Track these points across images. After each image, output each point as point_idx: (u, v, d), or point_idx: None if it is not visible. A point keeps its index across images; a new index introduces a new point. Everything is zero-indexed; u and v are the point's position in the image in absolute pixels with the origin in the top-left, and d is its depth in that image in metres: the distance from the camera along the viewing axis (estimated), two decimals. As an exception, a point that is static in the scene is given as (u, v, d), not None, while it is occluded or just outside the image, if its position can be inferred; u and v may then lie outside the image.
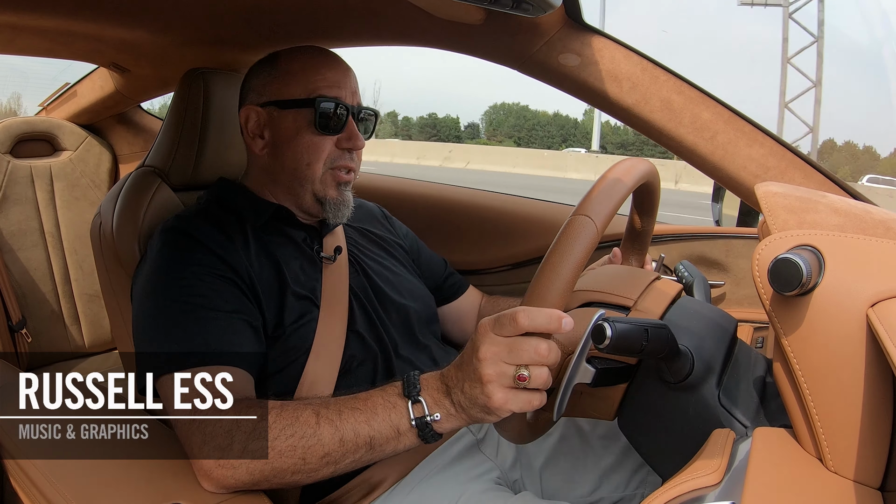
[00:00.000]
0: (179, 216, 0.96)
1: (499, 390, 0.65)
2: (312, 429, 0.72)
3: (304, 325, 0.90)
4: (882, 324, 0.54)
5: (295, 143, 0.96)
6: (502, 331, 0.65)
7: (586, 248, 0.65)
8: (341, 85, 0.97)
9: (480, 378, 0.65)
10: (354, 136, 0.97)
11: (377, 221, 1.19)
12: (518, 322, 0.63)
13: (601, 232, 0.67)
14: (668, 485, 0.60)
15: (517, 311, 0.64)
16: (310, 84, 0.95)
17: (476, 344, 0.66)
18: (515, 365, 0.64)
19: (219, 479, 0.73)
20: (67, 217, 1.86)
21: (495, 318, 0.65)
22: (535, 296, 0.65)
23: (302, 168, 0.96)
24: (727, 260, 1.33)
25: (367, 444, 0.72)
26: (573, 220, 0.67)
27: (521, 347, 0.64)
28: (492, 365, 0.65)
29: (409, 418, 0.71)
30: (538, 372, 0.65)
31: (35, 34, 1.23)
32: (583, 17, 0.91)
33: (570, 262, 0.64)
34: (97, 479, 0.75)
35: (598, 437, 0.98)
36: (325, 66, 0.97)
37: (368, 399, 0.73)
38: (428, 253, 1.22)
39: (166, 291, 0.85)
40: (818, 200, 0.68)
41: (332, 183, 0.97)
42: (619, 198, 0.71)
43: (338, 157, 0.97)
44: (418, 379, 0.72)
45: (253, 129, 0.99)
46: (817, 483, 0.58)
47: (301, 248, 0.98)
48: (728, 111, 0.89)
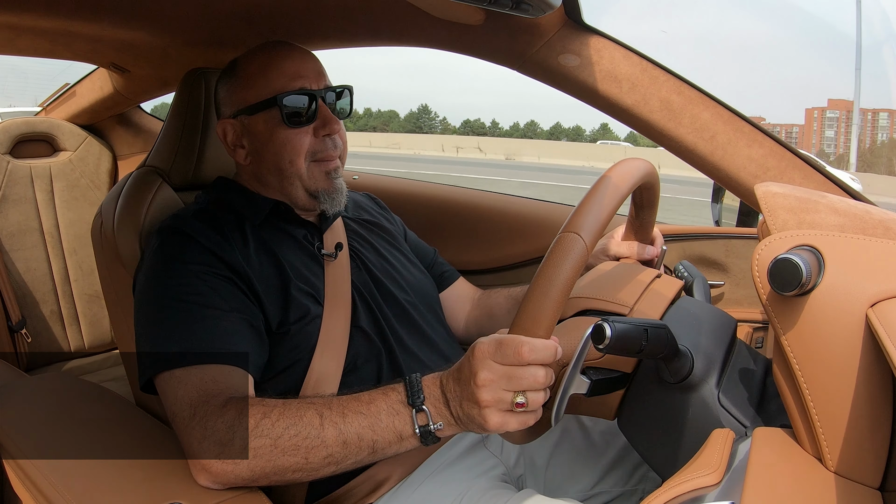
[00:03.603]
0: (176, 216, 0.96)
1: (495, 414, 0.66)
2: (316, 430, 0.72)
3: (309, 324, 0.90)
4: (882, 324, 0.54)
5: (272, 144, 0.95)
6: (504, 360, 0.65)
7: (576, 267, 0.65)
8: (302, 73, 0.95)
9: (478, 402, 0.66)
10: (329, 120, 0.96)
11: (371, 209, 1.19)
12: (522, 356, 0.64)
13: (591, 248, 0.66)
14: (668, 484, 0.60)
15: (521, 344, 0.64)
16: (269, 82, 0.95)
17: (474, 368, 0.66)
18: (513, 391, 0.66)
19: (218, 474, 0.73)
20: (67, 217, 1.86)
21: (496, 346, 0.66)
22: (526, 318, 0.66)
23: (286, 167, 0.96)
24: (727, 260, 1.33)
25: (370, 448, 0.72)
26: (562, 238, 0.66)
27: (520, 376, 0.65)
28: (490, 392, 0.66)
29: (413, 426, 0.71)
30: (535, 397, 0.66)
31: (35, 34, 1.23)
32: (582, 18, 0.91)
33: (559, 282, 0.64)
34: (97, 479, 0.75)
35: (599, 433, 0.99)
36: (280, 58, 0.96)
37: (372, 403, 0.73)
38: (415, 240, 1.22)
39: (165, 290, 0.85)
40: (818, 200, 0.68)
41: (321, 174, 0.97)
42: (609, 210, 0.70)
43: (319, 148, 0.96)
44: (421, 386, 0.72)
45: (232, 141, 1.00)
46: (817, 483, 0.58)
47: (302, 246, 0.98)
48: (728, 111, 0.89)
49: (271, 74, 0.95)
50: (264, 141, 0.96)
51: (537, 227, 1.50)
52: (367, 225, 1.12)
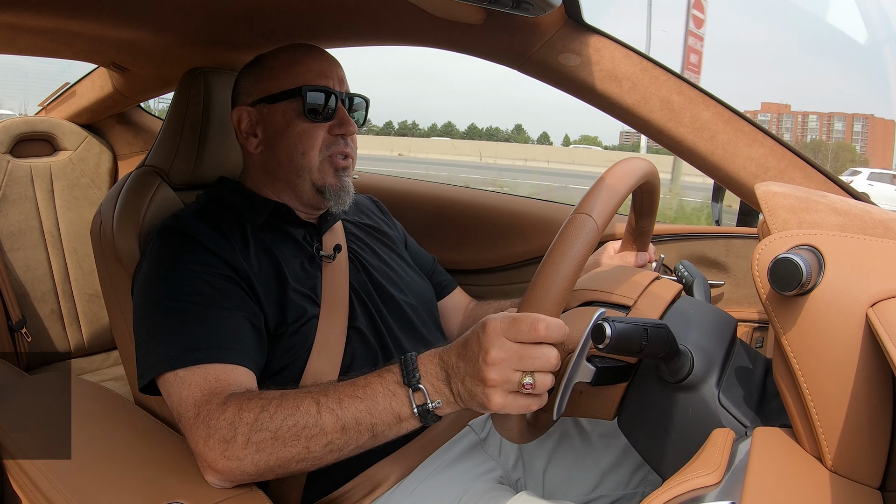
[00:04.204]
0: (177, 216, 0.96)
1: (499, 395, 0.65)
2: (314, 418, 0.72)
3: (306, 324, 0.90)
4: (882, 324, 0.54)
5: (288, 135, 0.96)
6: (518, 336, 0.64)
7: (587, 245, 0.65)
8: (328, 74, 0.98)
9: (484, 380, 0.65)
10: (346, 121, 0.97)
11: (372, 213, 1.19)
12: (538, 332, 0.63)
13: (602, 230, 0.67)
14: (668, 484, 0.60)
15: (537, 319, 0.63)
16: (296, 75, 0.97)
17: (485, 345, 0.65)
18: (523, 372, 0.64)
19: (224, 470, 0.73)
20: (67, 217, 1.86)
21: (510, 322, 0.64)
22: (537, 294, 0.65)
23: (297, 158, 0.97)
24: (727, 260, 1.33)
25: (370, 431, 0.72)
26: (574, 218, 0.67)
27: (533, 356, 0.64)
28: (499, 370, 0.64)
29: (411, 406, 0.70)
30: (543, 379, 0.65)
31: (35, 34, 1.23)
32: (583, 17, 0.91)
33: (571, 260, 0.64)
34: (97, 479, 0.75)
35: (598, 436, 0.98)
36: (310, 57, 0.99)
37: (368, 386, 0.72)
38: (415, 248, 1.22)
39: (166, 290, 0.85)
40: (818, 200, 0.68)
41: (330, 170, 0.98)
42: (619, 197, 0.72)
43: (332, 144, 0.97)
44: (416, 364, 0.71)
45: (246, 129, 1.01)
46: (817, 482, 0.58)
47: (301, 247, 0.98)
48: (728, 111, 0.89)
49: (299, 68, 0.97)
50: (280, 130, 0.97)
51: (537, 227, 1.50)
52: (366, 228, 1.13)
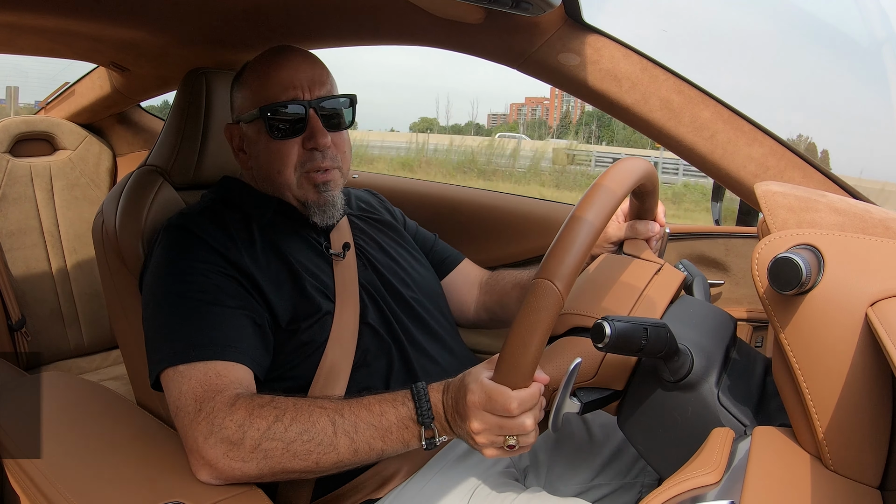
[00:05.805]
0: (184, 213, 0.96)
1: (489, 450, 0.72)
2: (329, 437, 0.74)
3: (320, 321, 0.91)
4: (882, 323, 0.54)
5: (262, 154, 0.96)
6: (494, 411, 0.70)
7: (551, 315, 0.66)
8: (295, 83, 0.93)
9: (474, 440, 0.72)
10: (316, 132, 0.93)
11: (373, 205, 1.18)
12: (511, 411, 0.69)
13: (566, 294, 0.66)
14: (668, 483, 0.60)
15: (509, 399, 0.68)
16: (261, 93, 0.94)
17: (468, 414, 0.71)
18: (504, 437, 0.71)
19: (224, 470, 0.74)
20: (67, 216, 1.86)
21: (486, 399, 0.70)
22: (509, 370, 0.68)
23: (274, 176, 0.96)
24: (727, 259, 1.33)
25: (379, 454, 0.77)
26: (536, 285, 0.66)
27: (510, 426, 0.70)
28: (484, 436, 0.71)
29: (421, 440, 0.76)
30: (525, 439, 0.72)
31: (35, 34, 1.23)
32: (582, 17, 0.91)
33: (537, 332, 0.66)
34: (97, 478, 0.75)
35: (599, 426, 1.00)
36: (276, 67, 0.94)
37: (383, 416, 0.76)
38: (415, 228, 1.21)
39: (171, 287, 0.86)
40: (818, 200, 0.68)
41: (309, 186, 0.95)
42: (581, 253, 0.68)
43: (308, 160, 0.94)
44: (430, 404, 0.76)
45: (237, 146, 1.02)
46: (816, 482, 0.58)
47: (310, 244, 0.98)
48: (728, 110, 0.89)
49: (264, 83, 0.94)
50: (257, 150, 0.97)
51: (537, 227, 1.50)
52: (371, 222, 1.12)
